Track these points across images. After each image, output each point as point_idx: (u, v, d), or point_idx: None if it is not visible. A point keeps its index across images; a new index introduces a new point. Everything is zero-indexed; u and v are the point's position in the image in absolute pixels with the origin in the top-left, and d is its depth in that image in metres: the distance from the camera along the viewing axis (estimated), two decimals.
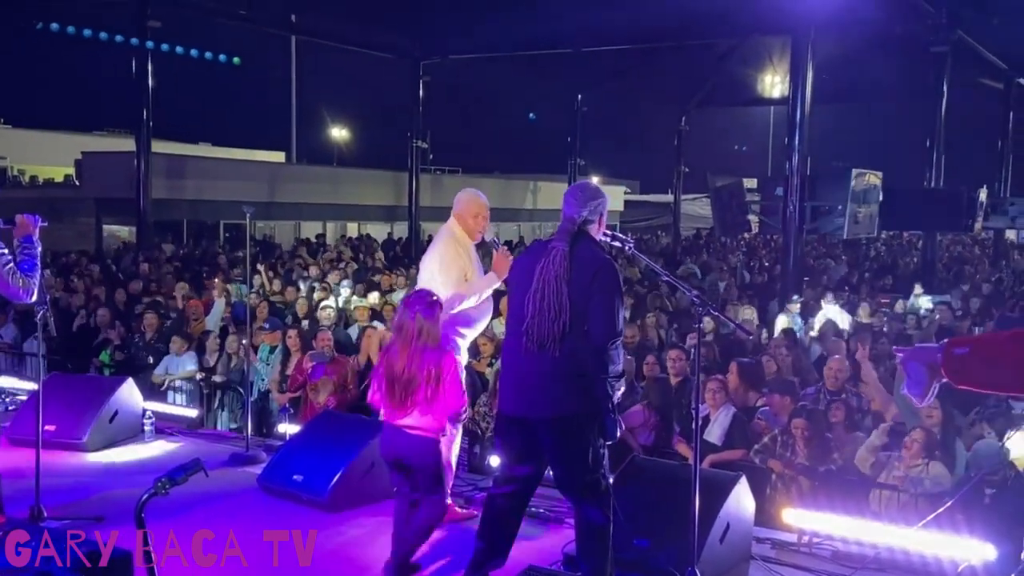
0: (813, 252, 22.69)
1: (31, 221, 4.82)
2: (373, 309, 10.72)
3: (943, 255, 23.68)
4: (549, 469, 4.16)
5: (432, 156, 29.71)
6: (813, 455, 5.95)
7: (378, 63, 26.12)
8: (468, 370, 6.01)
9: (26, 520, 4.94)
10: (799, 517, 5.03)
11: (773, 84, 26.18)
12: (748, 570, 4.75)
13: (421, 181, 25.90)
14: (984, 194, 18.84)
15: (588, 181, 4.98)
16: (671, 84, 26.37)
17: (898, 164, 22.45)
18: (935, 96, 18.10)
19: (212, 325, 10.24)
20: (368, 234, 26.91)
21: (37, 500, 5.07)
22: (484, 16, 19.06)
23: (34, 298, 4.76)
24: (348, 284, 13.26)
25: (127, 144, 21.27)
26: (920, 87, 19.42)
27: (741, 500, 4.78)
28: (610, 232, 4.33)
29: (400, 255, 21.97)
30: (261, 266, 14.08)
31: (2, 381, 8.48)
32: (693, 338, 6.08)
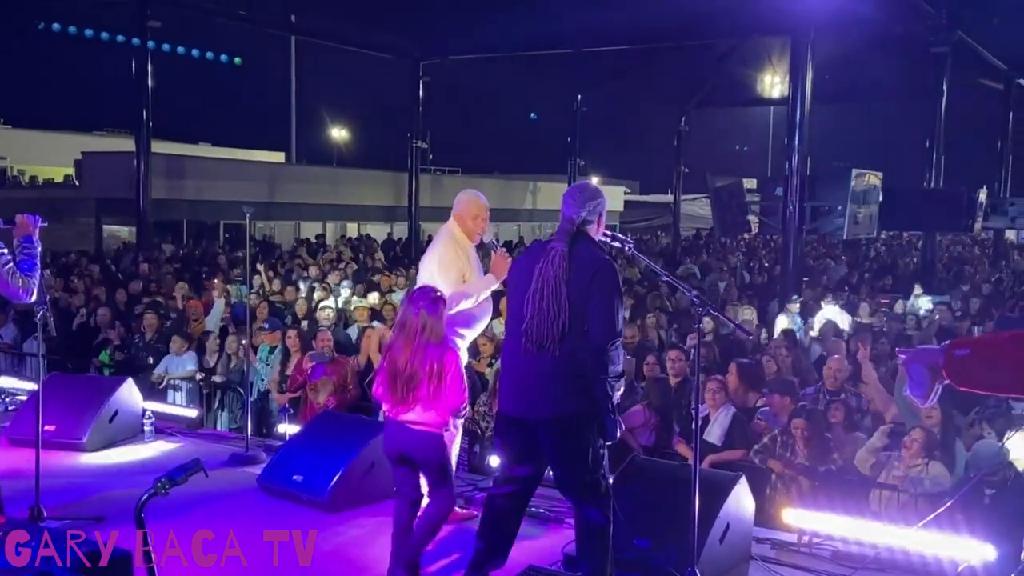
0: (813, 252, 22.68)
1: (31, 221, 4.82)
2: (373, 309, 10.72)
3: (943, 255, 23.67)
4: (549, 469, 4.16)
5: (432, 156, 29.70)
6: (813, 455, 5.95)
7: (378, 63, 26.12)
8: (468, 370, 6.01)
9: (26, 520, 4.94)
10: (799, 517, 5.04)
11: (773, 84, 26.17)
12: (748, 570, 4.75)
13: (421, 181, 25.90)
14: (984, 194, 18.83)
15: (587, 182, 4.99)
16: (671, 84, 26.37)
17: (898, 164, 22.45)
18: (935, 96, 18.09)
19: (212, 325, 10.23)
20: (368, 234, 26.90)
21: (37, 500, 5.07)
22: (484, 16, 19.05)
23: (34, 298, 4.76)
24: (348, 285, 13.25)
25: (127, 144, 21.25)
26: (920, 87, 19.41)
27: (741, 500, 4.78)
28: (610, 232, 4.33)
29: (400, 255, 21.96)
30: (261, 266, 14.06)
31: (2, 381, 8.47)
32: (693, 338, 6.07)
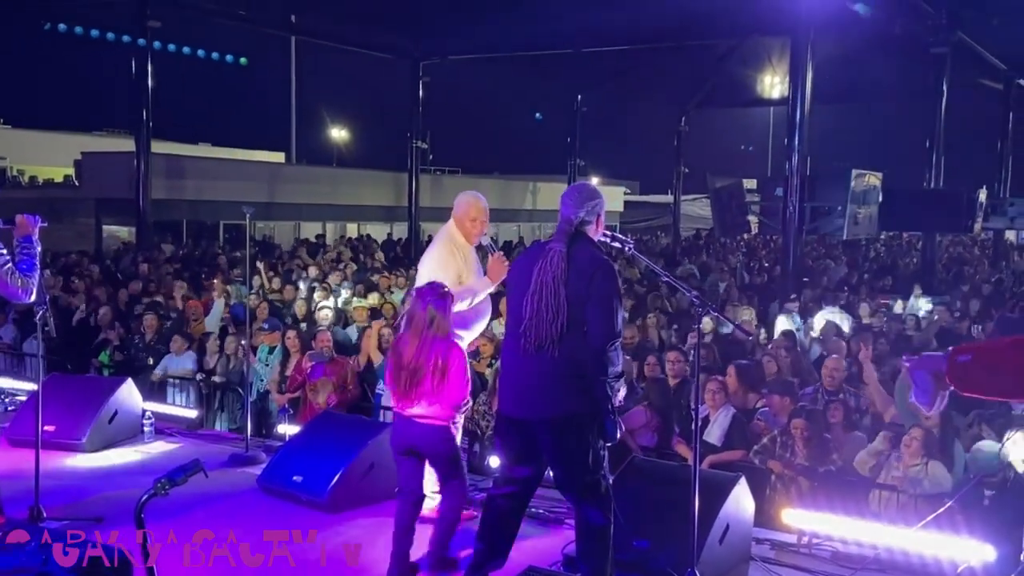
0: (813, 253, 22.68)
1: (30, 221, 4.82)
2: (373, 309, 10.71)
3: (942, 256, 23.66)
4: (549, 470, 4.16)
5: (432, 156, 29.72)
6: (812, 456, 5.95)
7: (378, 63, 26.12)
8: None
9: (26, 520, 4.93)
10: (798, 518, 5.04)
11: (773, 85, 26.17)
12: (748, 571, 4.75)
13: (421, 181, 25.91)
14: (984, 195, 18.83)
15: (585, 182, 4.99)
16: (671, 84, 26.38)
17: (898, 165, 22.43)
18: (935, 96, 18.10)
19: (212, 326, 10.23)
20: (368, 234, 26.90)
21: (36, 501, 5.07)
22: (484, 17, 19.05)
23: (33, 298, 4.76)
24: (348, 285, 13.24)
25: (127, 144, 21.24)
26: (920, 87, 19.42)
27: (740, 501, 4.78)
28: (610, 233, 4.33)
29: (400, 256, 21.96)
30: (260, 264, 14.04)
31: (2, 382, 8.47)
32: (694, 337, 6.06)
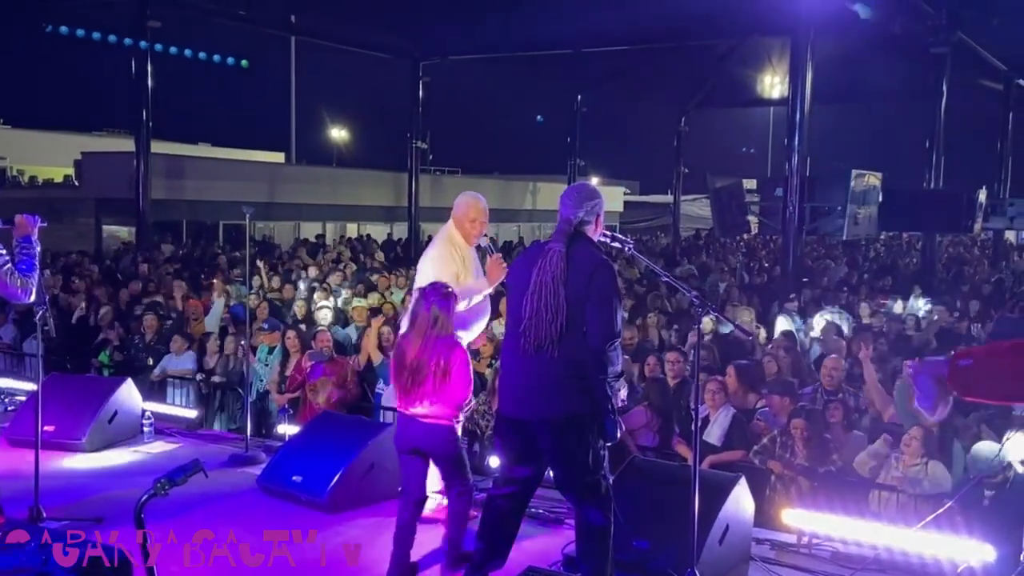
0: (813, 253, 22.68)
1: (30, 221, 4.82)
2: (373, 308, 10.69)
3: (942, 256, 23.66)
4: (549, 470, 4.16)
5: (432, 157, 29.73)
6: (812, 456, 5.94)
7: (378, 63, 26.12)
8: None
9: (25, 521, 4.93)
10: (798, 518, 5.04)
11: (773, 85, 26.16)
12: (747, 571, 4.75)
13: (421, 182, 25.92)
14: (983, 195, 18.84)
15: (584, 182, 4.99)
16: (671, 84, 26.38)
17: (898, 165, 22.44)
18: (935, 97, 18.11)
19: (211, 326, 10.22)
20: (368, 235, 26.90)
21: (36, 501, 5.07)
22: (484, 17, 19.05)
23: (32, 298, 4.76)
24: (348, 284, 13.24)
25: (127, 144, 21.24)
26: (920, 88, 19.42)
27: (740, 501, 4.78)
28: (609, 233, 4.34)
29: (401, 256, 21.95)
30: (260, 262, 14.03)
31: (1, 382, 8.46)
32: (694, 337, 6.06)
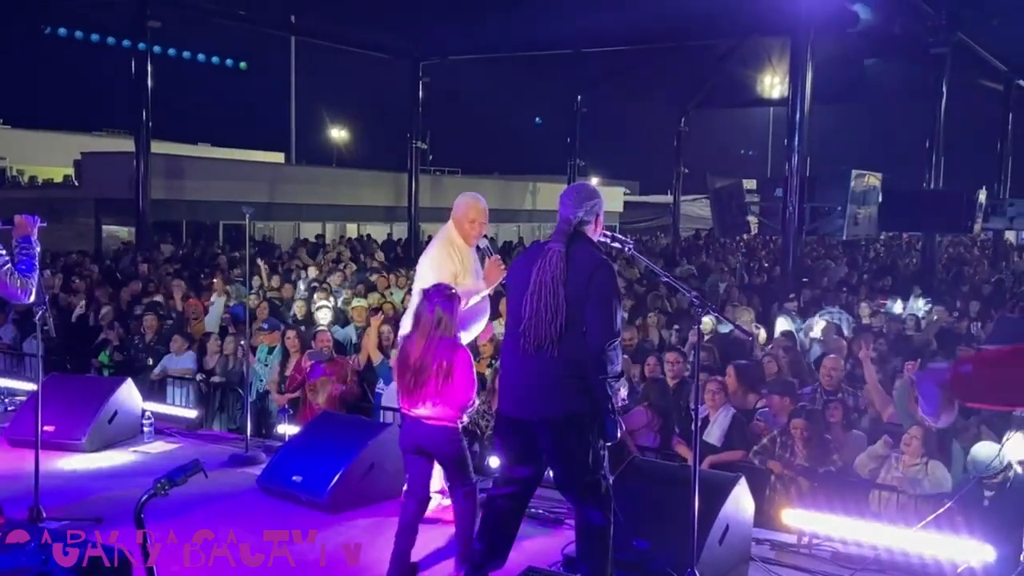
0: (812, 253, 22.68)
1: (29, 222, 4.82)
2: (373, 308, 10.68)
3: (942, 256, 23.67)
4: (549, 470, 4.16)
5: (431, 157, 29.72)
6: (812, 456, 5.94)
7: (378, 63, 26.11)
8: None
9: (25, 521, 4.93)
10: (798, 518, 5.04)
11: (772, 85, 26.15)
12: (747, 571, 4.75)
13: (420, 182, 25.91)
14: (983, 195, 18.83)
15: (584, 182, 4.99)
16: (671, 84, 26.36)
17: (898, 165, 22.44)
18: (935, 97, 18.11)
19: (211, 326, 10.22)
20: (368, 235, 26.90)
21: (36, 501, 5.07)
22: (484, 17, 19.05)
23: (32, 299, 4.76)
24: (349, 284, 13.24)
25: (126, 145, 21.24)
26: (920, 88, 19.42)
27: (740, 501, 4.78)
28: (609, 233, 4.34)
29: (401, 256, 21.95)
30: (261, 261, 14.03)
31: (1, 382, 8.46)
32: (694, 337, 6.05)
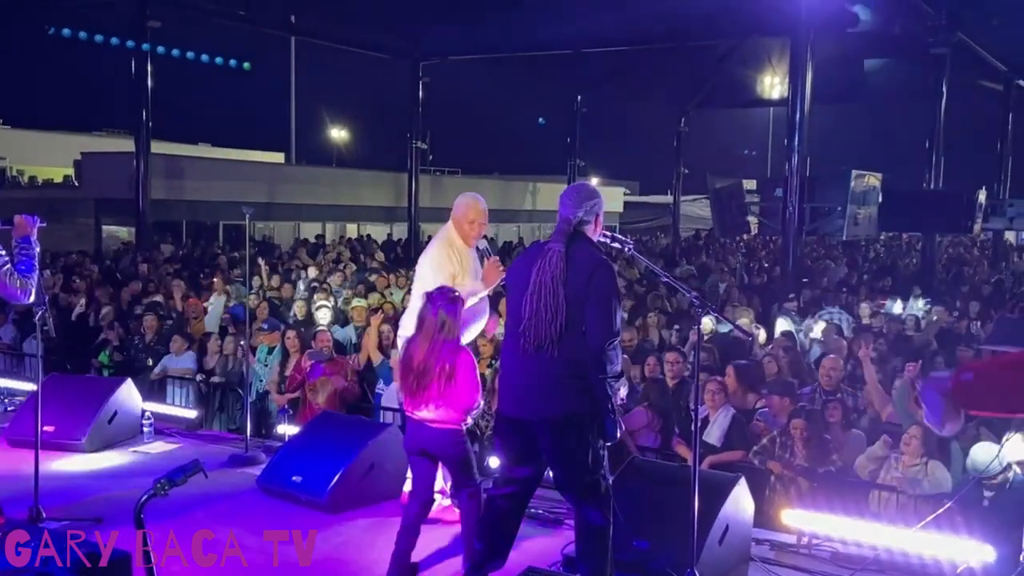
0: (812, 253, 22.68)
1: (29, 222, 4.82)
2: (373, 308, 10.68)
3: (942, 256, 23.67)
4: (549, 470, 4.16)
5: (431, 157, 29.72)
6: (812, 456, 5.94)
7: (378, 63, 26.12)
8: None
9: (25, 521, 4.93)
10: (798, 518, 5.04)
11: (772, 85, 26.17)
12: (747, 571, 4.75)
13: (420, 182, 25.92)
14: (983, 196, 18.83)
15: (584, 182, 4.99)
16: (671, 84, 26.38)
17: (898, 165, 22.44)
18: (935, 97, 18.12)
19: (211, 325, 10.22)
20: (368, 235, 26.90)
21: (36, 501, 5.07)
22: (484, 17, 19.06)
23: (32, 299, 4.76)
24: (349, 284, 13.25)
25: (126, 145, 21.25)
26: (920, 88, 19.43)
27: (740, 501, 4.78)
28: (609, 233, 4.34)
29: (401, 256, 21.95)
30: (261, 260, 14.03)
31: (1, 382, 8.46)
32: (694, 336, 6.05)
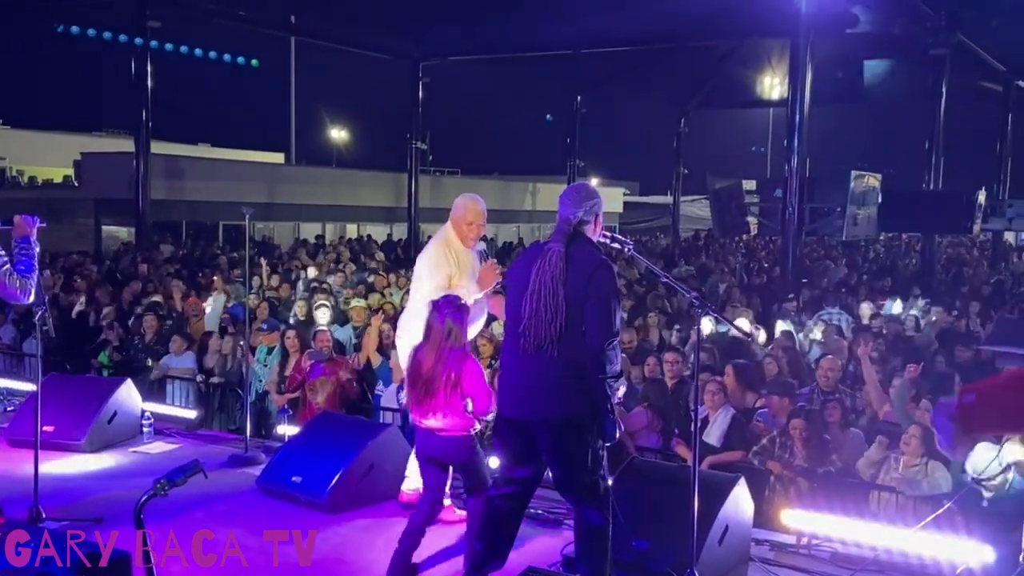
0: (812, 254, 22.68)
1: (29, 222, 4.82)
2: (374, 308, 10.69)
3: (941, 257, 23.68)
4: (548, 470, 4.16)
5: (431, 157, 29.72)
6: (811, 456, 5.95)
7: (378, 63, 26.12)
8: None
9: (25, 521, 4.93)
10: (798, 519, 5.04)
11: (772, 86, 26.18)
12: (747, 572, 4.75)
13: (420, 182, 25.93)
14: (983, 196, 18.84)
15: (583, 182, 4.99)
16: (671, 85, 26.39)
17: (897, 166, 22.44)
18: (934, 98, 18.12)
19: (211, 325, 10.23)
20: (369, 235, 26.90)
21: (36, 501, 5.06)
22: (483, 18, 19.06)
23: (32, 299, 4.76)
24: (349, 284, 13.27)
25: (126, 145, 21.24)
26: (920, 89, 19.43)
27: (740, 502, 4.78)
28: (609, 234, 4.34)
29: (401, 257, 21.95)
30: (263, 260, 14.04)
31: (1, 382, 8.46)
32: (696, 335, 6.05)
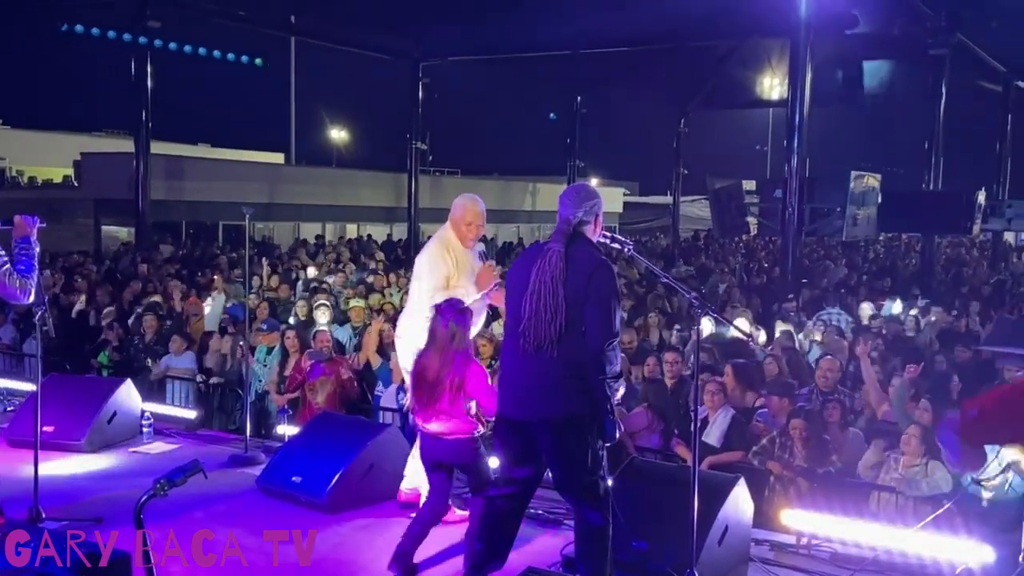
0: (812, 254, 22.69)
1: (28, 222, 4.82)
2: (375, 309, 10.70)
3: (941, 257, 23.68)
4: (548, 470, 4.17)
5: (431, 157, 29.71)
6: (811, 457, 5.95)
7: (378, 63, 26.12)
8: None
9: (25, 521, 4.93)
10: (798, 519, 5.04)
11: (772, 86, 26.18)
12: (747, 572, 4.75)
13: (420, 182, 25.93)
14: (982, 196, 18.83)
15: (583, 182, 5.00)
16: (671, 85, 26.40)
17: (897, 166, 22.46)
18: (934, 98, 18.13)
19: (210, 323, 10.23)
20: (369, 235, 26.91)
21: (36, 501, 5.07)
22: (483, 18, 19.07)
23: (32, 299, 4.76)
24: (349, 284, 13.27)
25: (126, 145, 21.24)
26: (919, 89, 19.44)
27: (740, 502, 4.78)
28: (609, 234, 4.34)
29: (401, 257, 21.94)
30: (264, 260, 14.05)
31: (1, 382, 8.46)
32: (696, 335, 6.05)
